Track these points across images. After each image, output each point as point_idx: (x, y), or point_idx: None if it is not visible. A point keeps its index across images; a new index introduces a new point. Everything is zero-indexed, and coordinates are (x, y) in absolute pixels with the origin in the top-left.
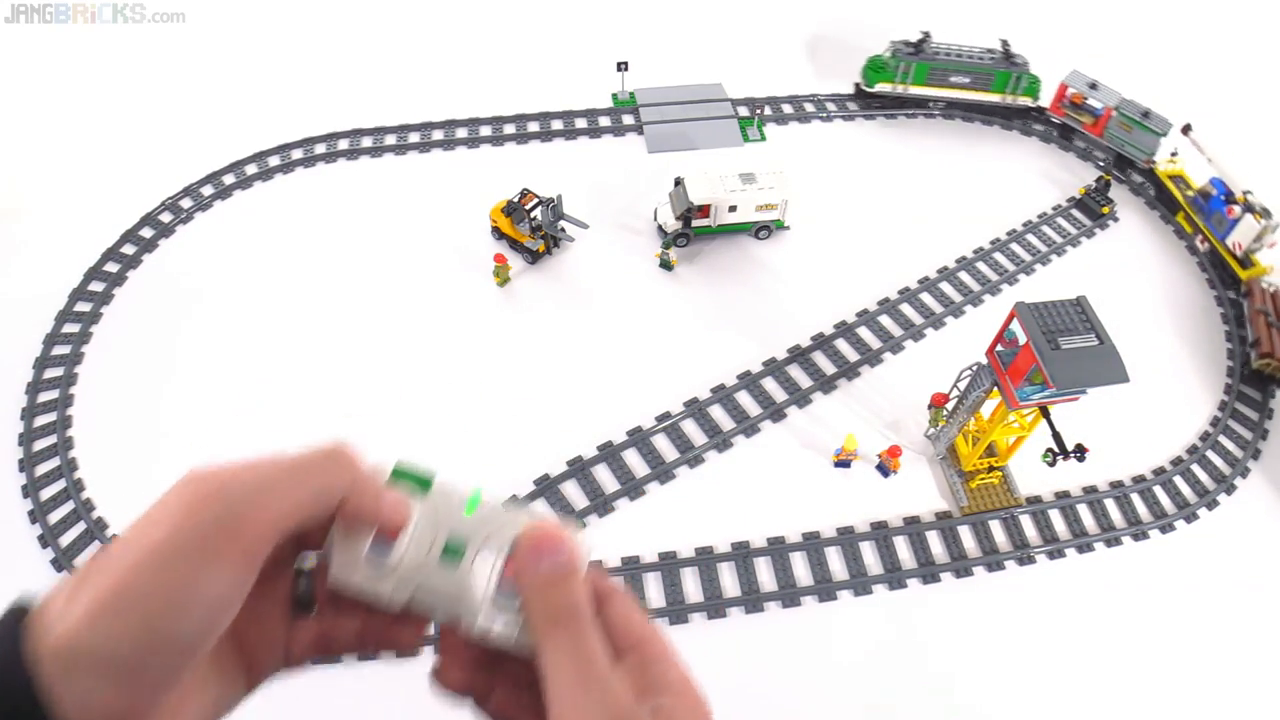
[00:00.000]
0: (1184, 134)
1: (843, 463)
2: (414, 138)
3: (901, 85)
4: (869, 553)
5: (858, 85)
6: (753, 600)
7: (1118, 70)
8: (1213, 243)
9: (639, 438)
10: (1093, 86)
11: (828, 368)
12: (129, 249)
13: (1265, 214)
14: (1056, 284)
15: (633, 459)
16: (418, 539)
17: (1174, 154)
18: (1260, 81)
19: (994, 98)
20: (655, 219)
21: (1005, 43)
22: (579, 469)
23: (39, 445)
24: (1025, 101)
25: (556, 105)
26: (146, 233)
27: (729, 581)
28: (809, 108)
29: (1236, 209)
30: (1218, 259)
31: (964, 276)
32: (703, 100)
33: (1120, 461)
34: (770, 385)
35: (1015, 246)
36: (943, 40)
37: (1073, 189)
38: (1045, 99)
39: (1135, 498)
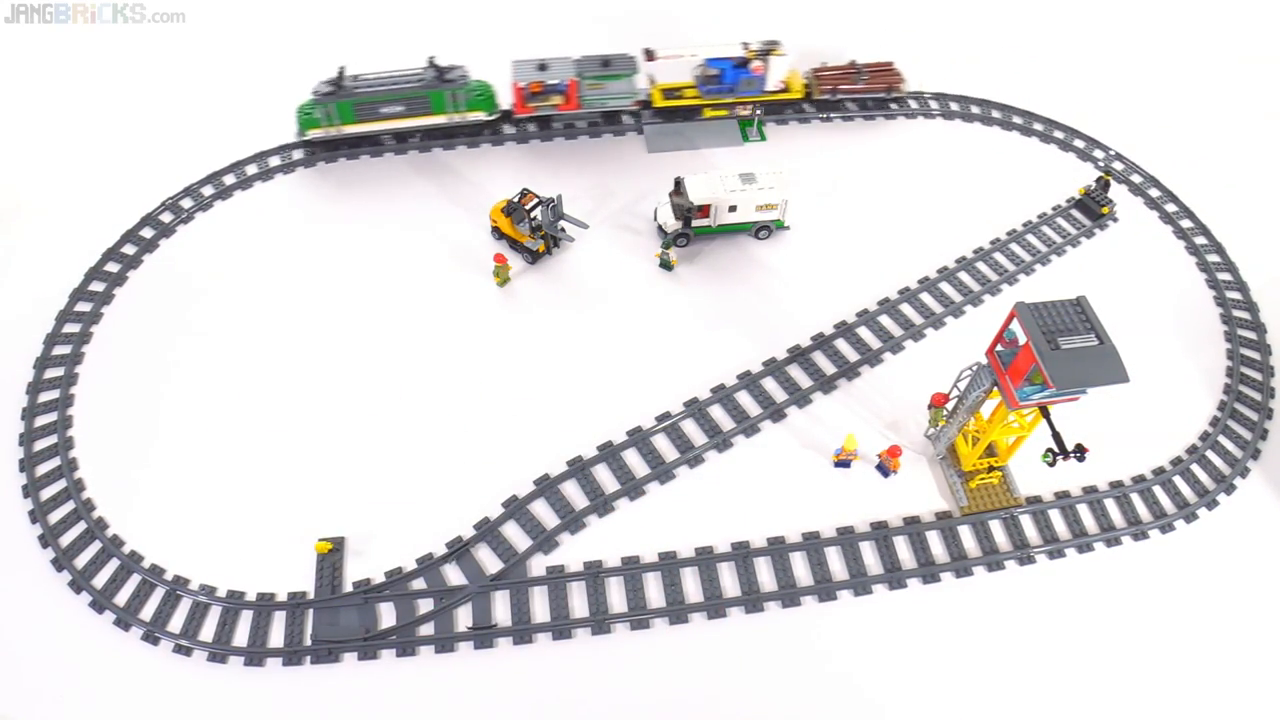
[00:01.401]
0: (649, 60)
1: (843, 463)
2: (414, 137)
3: (334, 128)
4: (869, 553)
5: (299, 138)
6: (753, 600)
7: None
8: (754, 103)
9: (639, 438)
10: (542, 68)
11: (828, 368)
12: (129, 249)
13: (776, 44)
14: (1056, 284)
15: (633, 459)
16: None
17: (652, 80)
18: None
19: (439, 119)
20: (655, 219)
21: (431, 59)
22: (579, 469)
23: (39, 445)
24: (478, 115)
25: None
26: (147, 233)
27: (729, 581)
28: (809, 108)
29: (758, 63)
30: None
31: (964, 276)
32: None
33: (1120, 461)
34: (770, 385)
35: (1015, 246)
36: (370, 70)
37: (1073, 189)
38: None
39: (1135, 498)
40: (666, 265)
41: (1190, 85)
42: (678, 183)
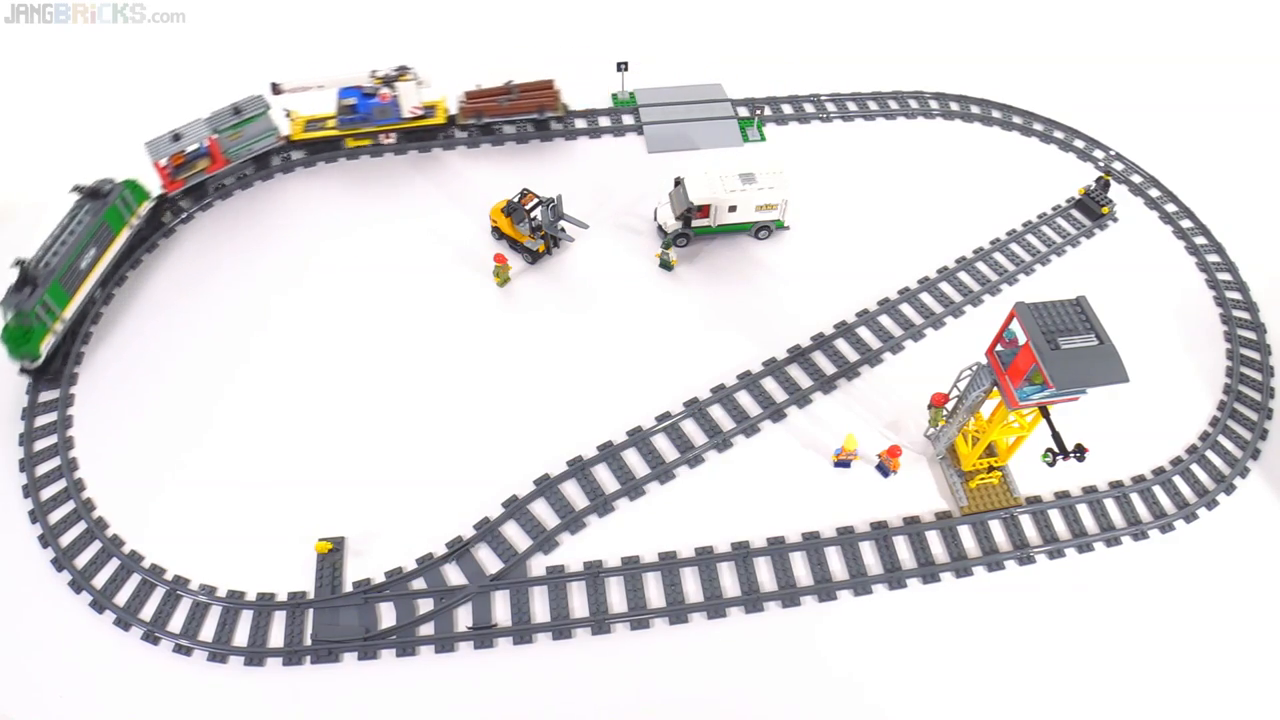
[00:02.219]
0: (276, 94)
1: (843, 463)
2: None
3: (57, 324)
4: (869, 553)
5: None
6: (753, 600)
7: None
8: (397, 129)
9: (639, 438)
10: (177, 137)
11: (828, 368)
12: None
13: (406, 70)
14: (1056, 284)
15: (633, 459)
16: None
17: (288, 113)
18: None
19: (125, 237)
20: (655, 219)
21: (77, 186)
22: (579, 469)
23: (39, 445)
24: (145, 208)
25: None
26: (147, 232)
27: (729, 581)
28: (809, 108)
29: (386, 90)
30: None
31: (964, 276)
32: (703, 100)
33: (1120, 461)
34: (770, 385)
35: (1015, 246)
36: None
37: (1073, 189)
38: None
39: (1135, 498)
40: (666, 265)
41: (1190, 85)
42: (678, 182)
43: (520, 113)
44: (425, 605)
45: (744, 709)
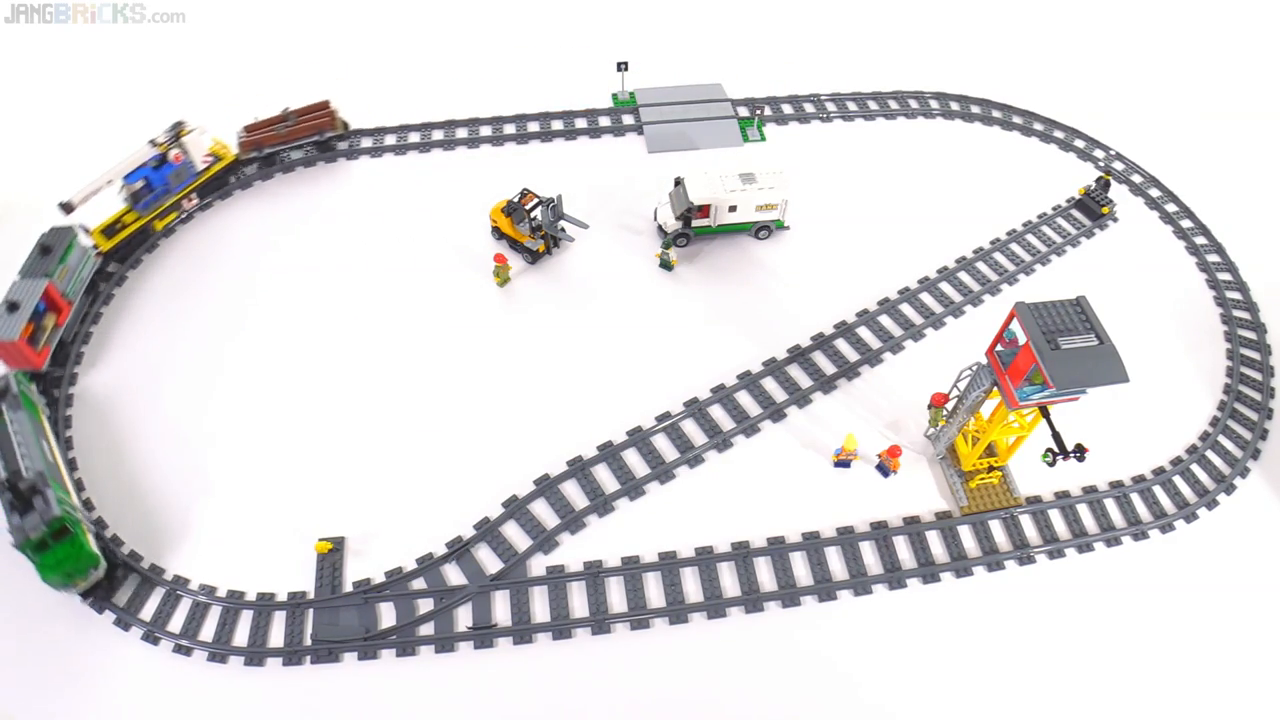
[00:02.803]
0: (68, 212)
1: (843, 463)
2: (414, 138)
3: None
4: (869, 553)
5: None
6: (753, 600)
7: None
8: (196, 188)
9: (639, 438)
10: (13, 307)
11: (828, 368)
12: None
13: (181, 124)
14: (1056, 284)
15: (633, 459)
16: None
17: (88, 231)
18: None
19: None
20: (655, 219)
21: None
22: (579, 469)
23: None
24: None
25: (556, 105)
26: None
27: (729, 581)
28: (809, 108)
29: (177, 151)
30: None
31: (964, 276)
32: (703, 100)
33: (1120, 461)
34: (770, 385)
35: (1015, 246)
36: None
37: (1073, 189)
38: None
39: (1135, 498)
40: (666, 265)
41: (1190, 85)
42: (678, 182)
43: (300, 137)
44: (425, 605)
45: (744, 709)
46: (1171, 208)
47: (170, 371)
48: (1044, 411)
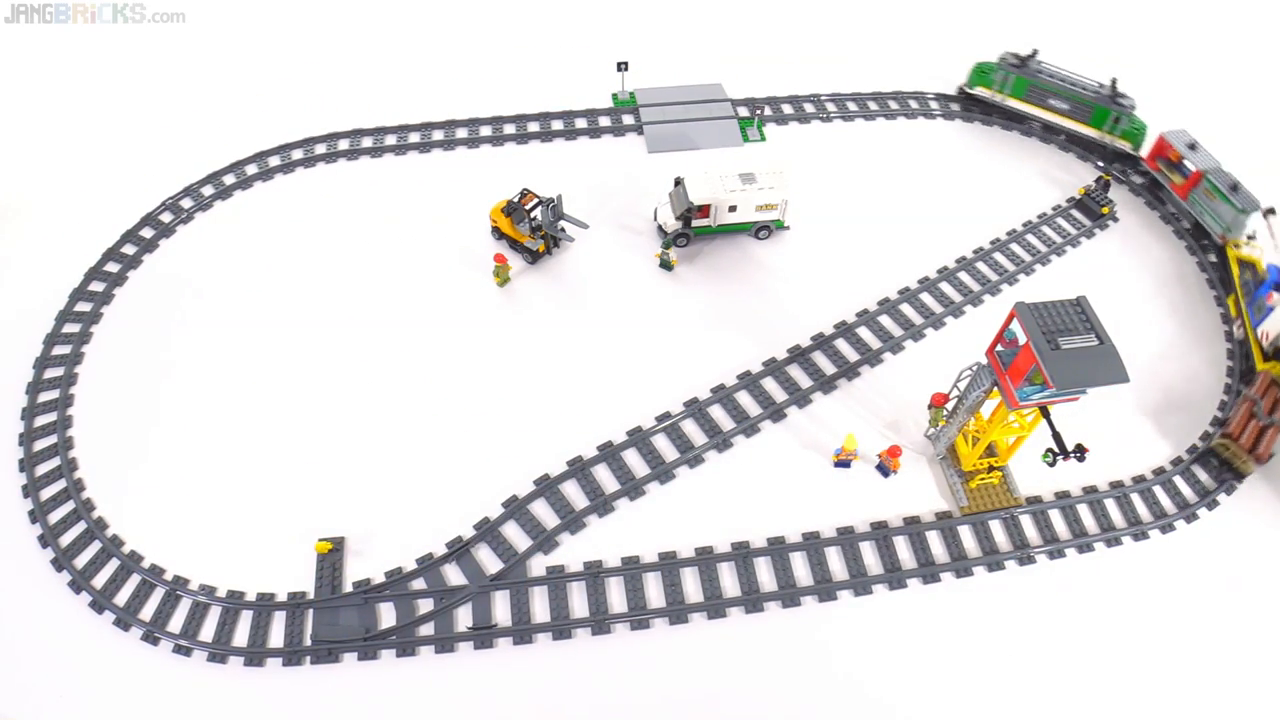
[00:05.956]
0: (1266, 216)
1: (843, 463)
2: (414, 138)
3: (1000, 94)
4: (869, 553)
5: (960, 88)
6: (753, 600)
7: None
8: (1246, 326)
9: (639, 438)
10: (1191, 148)
11: (828, 368)
12: (129, 249)
13: None
14: (1056, 284)
15: (633, 459)
16: None
17: (1252, 236)
18: None
19: (1090, 132)
20: (655, 219)
21: (1114, 81)
22: (579, 469)
23: (39, 445)
24: (1124, 146)
25: (556, 105)
26: (147, 233)
27: (729, 581)
28: (809, 108)
29: (1276, 296)
30: (1245, 350)
31: (964, 276)
32: (703, 100)
33: (1120, 461)
34: (770, 385)
35: (1015, 246)
36: (1050, 61)
37: (1073, 189)
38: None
39: (1135, 498)
40: (666, 265)
41: (1190, 85)
42: (678, 182)
43: None
44: (425, 605)
45: (744, 709)
46: (1171, 208)
47: (170, 371)
48: (1044, 411)
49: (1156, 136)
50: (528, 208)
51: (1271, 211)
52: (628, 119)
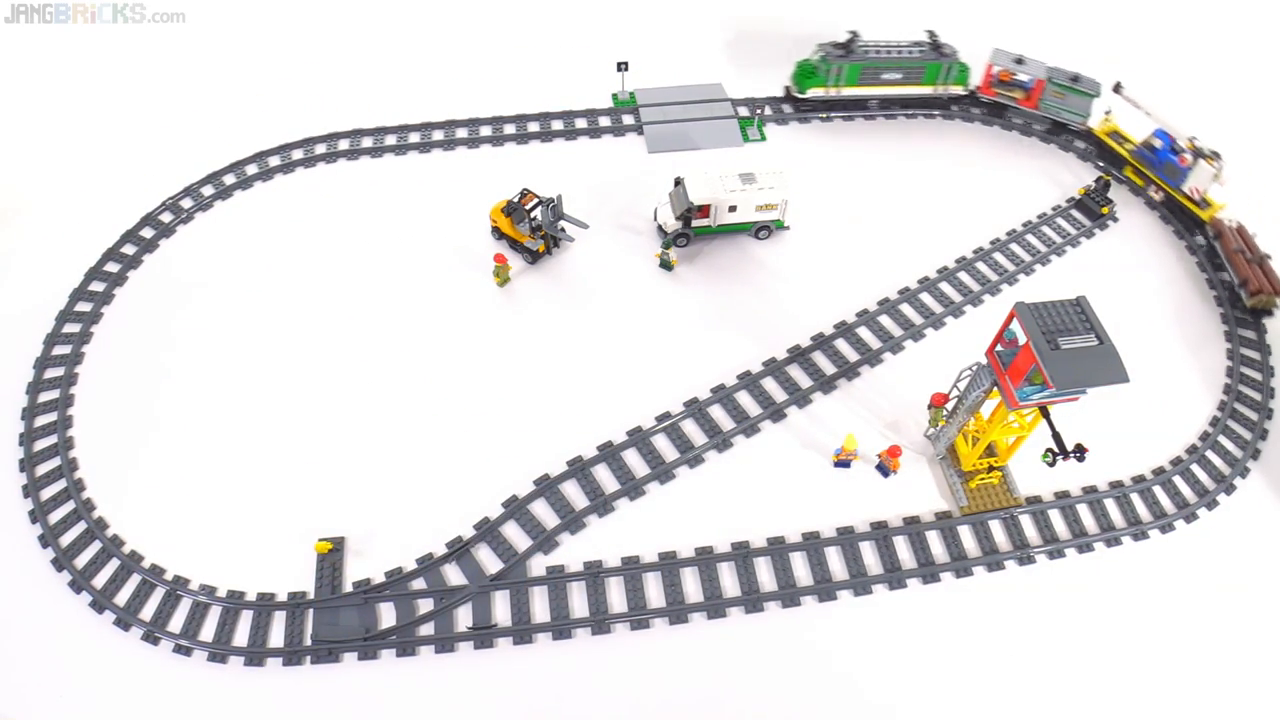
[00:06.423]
0: (1116, 92)
1: (843, 463)
2: (414, 138)
3: (835, 88)
4: (869, 553)
5: (788, 90)
6: (753, 600)
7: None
8: (1168, 191)
9: (639, 438)
10: (1019, 61)
11: (828, 368)
12: (129, 249)
13: (1215, 156)
14: (1056, 284)
15: (633, 459)
16: None
17: (1108, 112)
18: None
19: (925, 90)
20: (655, 219)
21: (932, 34)
22: (579, 469)
23: (39, 445)
24: (956, 90)
25: (556, 105)
26: (147, 233)
27: (729, 581)
28: (809, 107)
29: (1188, 157)
30: (1175, 205)
31: (964, 276)
32: (703, 100)
33: (1120, 461)
34: (770, 385)
35: (1015, 246)
36: (871, 39)
37: (1073, 189)
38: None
39: (1135, 498)
40: (666, 265)
41: (1190, 85)
42: (678, 182)
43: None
44: (425, 605)
45: (744, 709)
46: (1172, 207)
47: (170, 371)
48: (1044, 411)
49: (985, 65)
50: (528, 208)
51: (1119, 86)
52: (628, 119)
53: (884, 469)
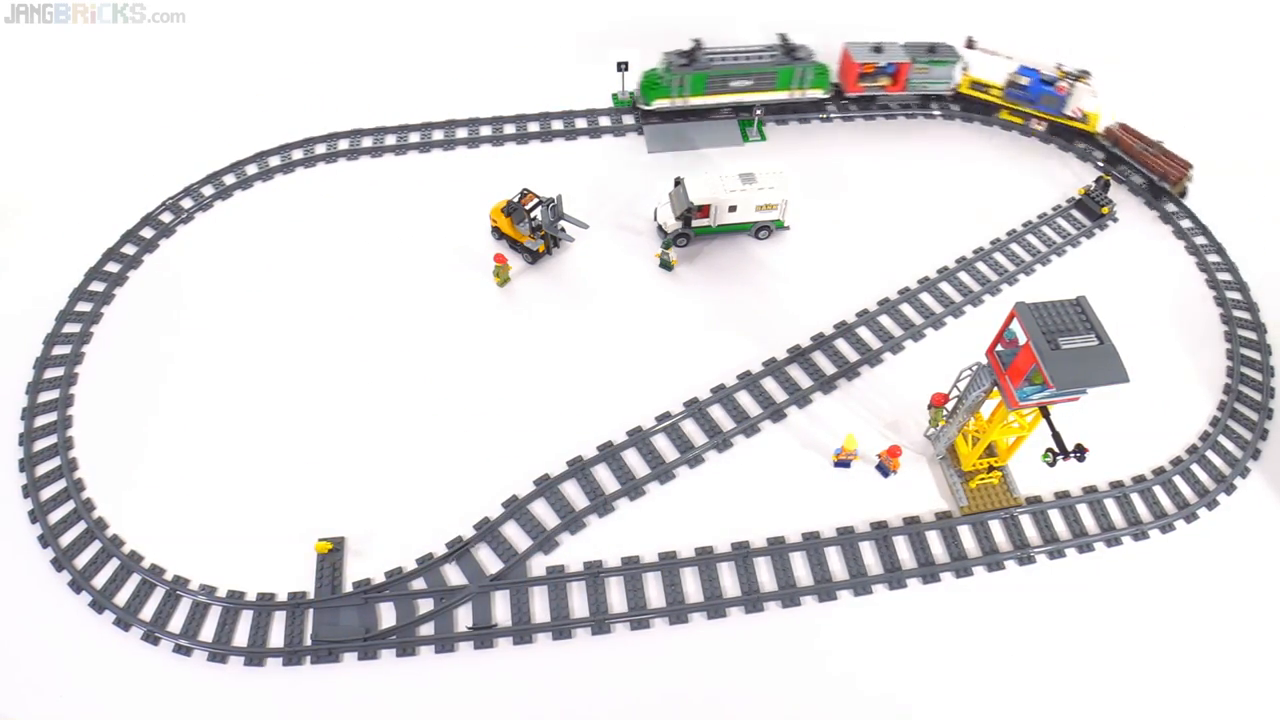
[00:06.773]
0: (969, 48)
1: (843, 463)
2: (414, 138)
3: (680, 99)
4: (869, 553)
5: (636, 105)
6: (753, 600)
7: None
8: (1049, 120)
9: (639, 438)
10: (877, 50)
11: (828, 368)
12: (129, 249)
13: (1086, 74)
14: (1056, 284)
15: (633, 459)
16: None
17: (964, 69)
18: None
19: (781, 95)
20: (655, 219)
21: (784, 36)
22: (579, 469)
23: (39, 445)
24: (816, 94)
25: (556, 105)
26: (147, 233)
27: (729, 581)
28: (809, 107)
29: (1064, 84)
30: (1058, 129)
31: (964, 276)
32: None
33: (1120, 461)
34: (770, 385)
35: (1015, 246)
36: (718, 45)
37: (1073, 189)
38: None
39: (1135, 498)
40: (666, 265)
41: (1189, 85)
42: (678, 182)
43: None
44: (425, 605)
45: (744, 709)
46: (1171, 207)
47: (170, 371)
48: (1044, 411)
49: (840, 60)
50: (528, 208)
51: (971, 41)
52: (628, 119)
53: (884, 469)
